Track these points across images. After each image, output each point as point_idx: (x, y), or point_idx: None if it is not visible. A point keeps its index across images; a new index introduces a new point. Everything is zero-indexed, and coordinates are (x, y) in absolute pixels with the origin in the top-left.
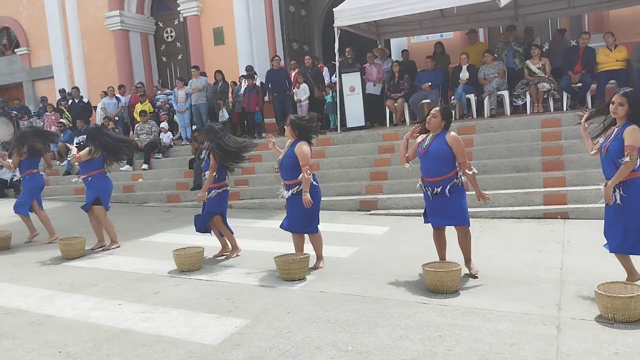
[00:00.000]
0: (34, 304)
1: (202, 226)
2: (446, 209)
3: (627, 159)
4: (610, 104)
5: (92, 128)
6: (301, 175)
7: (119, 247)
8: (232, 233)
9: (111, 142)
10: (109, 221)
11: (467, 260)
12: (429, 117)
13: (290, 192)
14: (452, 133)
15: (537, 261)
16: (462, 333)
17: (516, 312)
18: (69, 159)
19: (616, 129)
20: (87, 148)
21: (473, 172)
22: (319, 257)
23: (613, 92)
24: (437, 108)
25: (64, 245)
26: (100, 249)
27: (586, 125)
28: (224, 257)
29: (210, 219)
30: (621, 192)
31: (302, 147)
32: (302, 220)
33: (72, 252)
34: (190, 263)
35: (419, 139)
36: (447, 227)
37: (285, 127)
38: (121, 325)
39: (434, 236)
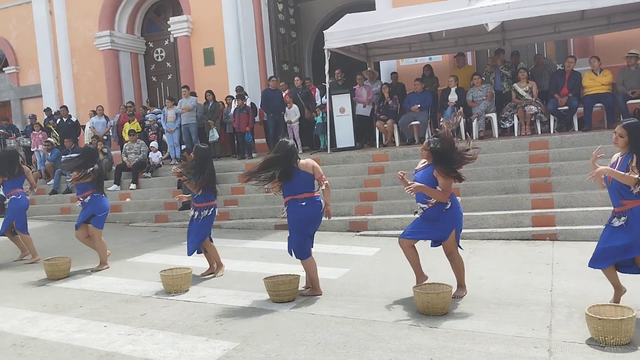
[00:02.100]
0: (17, 326)
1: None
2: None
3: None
4: (614, 134)
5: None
6: (318, 189)
7: (107, 268)
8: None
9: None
10: (102, 241)
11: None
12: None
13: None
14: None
15: (527, 283)
16: (453, 356)
17: (507, 335)
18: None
19: (620, 158)
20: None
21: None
22: (307, 280)
23: (599, 115)
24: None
25: (48, 265)
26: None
27: (596, 165)
28: (211, 275)
29: (202, 242)
30: (626, 219)
31: (310, 161)
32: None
33: (57, 273)
34: (177, 284)
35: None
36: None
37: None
38: (106, 348)
39: (406, 250)
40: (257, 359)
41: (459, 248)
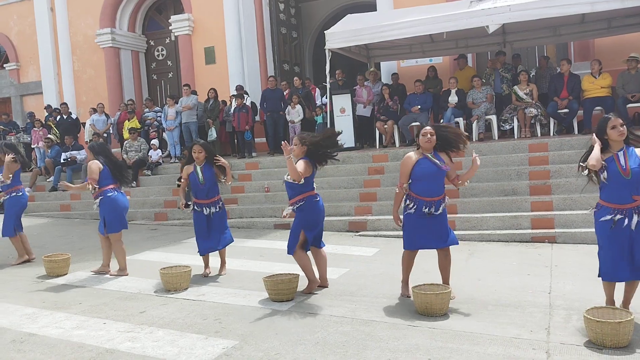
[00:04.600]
0: (17, 322)
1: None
2: (443, 230)
3: None
4: (612, 129)
5: (95, 144)
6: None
7: (126, 275)
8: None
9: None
10: (120, 245)
11: (446, 283)
12: (425, 137)
13: (291, 208)
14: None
15: (526, 285)
16: (451, 356)
17: (505, 336)
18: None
19: (621, 153)
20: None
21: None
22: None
23: (599, 119)
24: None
25: (48, 262)
26: (107, 273)
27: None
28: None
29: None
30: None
31: (300, 163)
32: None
33: (56, 270)
34: (177, 282)
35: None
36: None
37: (294, 145)
38: (106, 345)
39: (409, 258)
40: (255, 358)
41: None
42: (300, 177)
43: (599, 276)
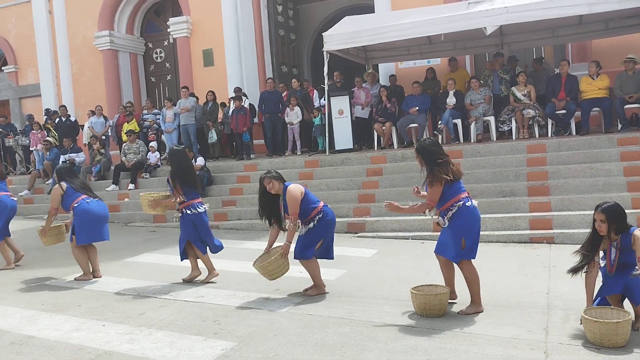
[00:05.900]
0: (16, 324)
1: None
2: (443, 240)
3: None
4: (594, 222)
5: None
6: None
7: (90, 279)
8: (205, 254)
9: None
10: (76, 252)
11: (473, 298)
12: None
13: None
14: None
15: (524, 285)
16: (450, 357)
17: (504, 337)
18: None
19: (614, 244)
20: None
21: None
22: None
23: (597, 119)
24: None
25: (44, 237)
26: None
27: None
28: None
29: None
30: None
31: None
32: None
33: (51, 240)
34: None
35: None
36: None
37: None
38: (105, 347)
39: (440, 265)
40: (254, 359)
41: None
42: (297, 210)
43: None
